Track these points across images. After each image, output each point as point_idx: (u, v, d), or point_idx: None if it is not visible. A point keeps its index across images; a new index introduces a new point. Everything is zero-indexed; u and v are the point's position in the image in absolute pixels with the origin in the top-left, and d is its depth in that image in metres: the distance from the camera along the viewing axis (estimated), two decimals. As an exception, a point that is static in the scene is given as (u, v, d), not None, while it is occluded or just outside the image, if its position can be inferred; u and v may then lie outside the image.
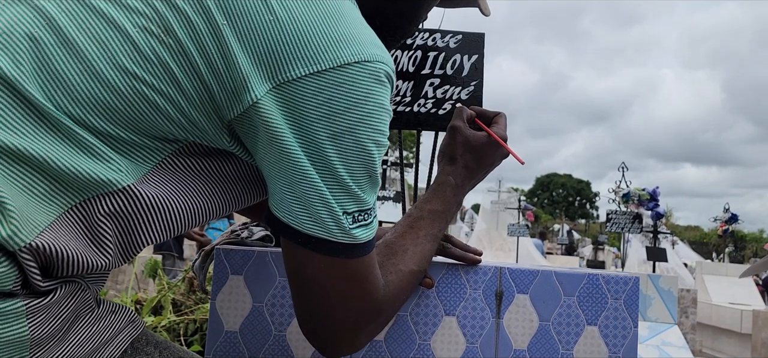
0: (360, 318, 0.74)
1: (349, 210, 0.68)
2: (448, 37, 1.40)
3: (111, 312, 0.70)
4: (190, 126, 0.67)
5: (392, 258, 0.83)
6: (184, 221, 0.71)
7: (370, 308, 0.75)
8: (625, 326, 1.01)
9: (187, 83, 0.65)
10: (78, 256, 0.62)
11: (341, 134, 0.66)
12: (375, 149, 0.69)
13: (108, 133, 0.64)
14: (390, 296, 0.79)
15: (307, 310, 0.74)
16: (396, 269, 0.82)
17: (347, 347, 0.76)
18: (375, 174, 0.70)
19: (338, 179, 0.67)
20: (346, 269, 0.70)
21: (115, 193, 0.64)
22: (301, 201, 0.67)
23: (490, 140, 0.94)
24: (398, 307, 0.84)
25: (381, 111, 0.69)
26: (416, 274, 0.86)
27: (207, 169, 0.72)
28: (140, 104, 0.64)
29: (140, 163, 0.67)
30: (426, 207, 0.91)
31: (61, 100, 0.62)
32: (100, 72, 0.63)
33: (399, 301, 0.83)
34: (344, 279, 0.71)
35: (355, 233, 0.69)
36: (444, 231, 0.94)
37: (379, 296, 0.76)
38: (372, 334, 0.79)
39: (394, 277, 0.81)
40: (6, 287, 0.57)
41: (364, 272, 0.72)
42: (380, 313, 0.77)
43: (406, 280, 0.83)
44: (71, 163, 0.62)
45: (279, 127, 0.65)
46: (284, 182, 0.67)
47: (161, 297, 2.33)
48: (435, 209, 0.91)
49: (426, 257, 0.88)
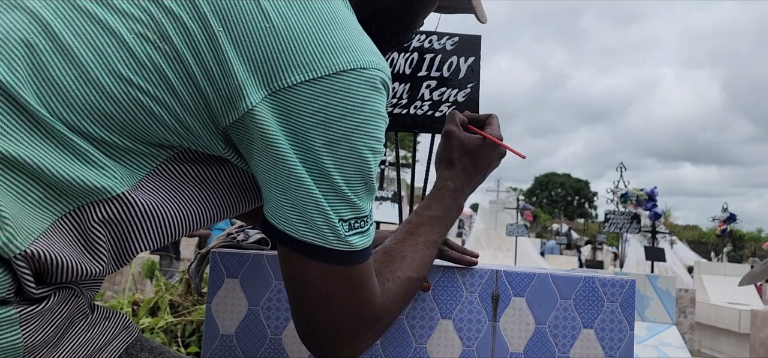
0: (357, 325, 0.74)
1: (345, 217, 0.68)
2: (444, 40, 1.40)
3: (105, 318, 0.70)
4: (185, 132, 0.67)
5: (390, 265, 0.83)
6: (177, 228, 0.71)
7: (367, 315, 0.74)
8: (621, 329, 1.01)
9: (183, 90, 0.64)
10: (72, 263, 0.62)
11: (337, 141, 0.66)
12: (371, 156, 0.69)
13: (103, 139, 0.64)
14: (388, 304, 0.79)
15: (304, 316, 0.74)
16: (394, 276, 0.82)
17: (345, 354, 0.76)
18: (371, 181, 0.70)
19: (334, 186, 0.67)
20: (343, 276, 0.70)
21: (109, 200, 0.64)
22: (297, 208, 0.67)
23: (485, 141, 0.94)
24: (397, 314, 0.83)
25: (377, 118, 0.69)
26: (415, 281, 0.85)
27: (201, 175, 0.72)
28: (136, 111, 0.64)
29: (135, 169, 0.66)
30: (426, 213, 0.91)
31: (56, 106, 0.62)
32: (95, 78, 0.63)
33: (397, 308, 0.82)
34: (341, 286, 0.70)
35: (351, 240, 0.69)
36: (444, 237, 0.93)
37: (377, 303, 0.75)
38: (370, 341, 0.78)
39: (392, 284, 0.81)
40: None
41: (361, 279, 0.72)
42: (378, 320, 0.77)
43: (404, 287, 0.83)
44: (65, 170, 0.62)
45: (274, 135, 0.65)
46: (279, 189, 0.67)
47: (158, 298, 2.33)
48: (435, 215, 0.91)
49: (425, 264, 0.88)
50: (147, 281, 3.28)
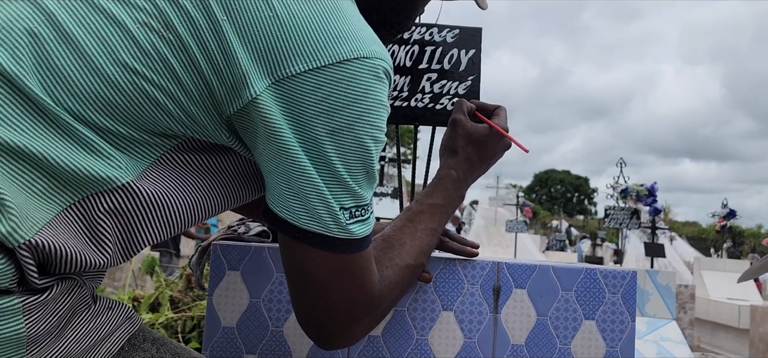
0: (356, 312, 0.75)
1: (346, 206, 0.68)
2: (445, 32, 1.40)
3: (108, 309, 0.70)
4: (189, 121, 0.67)
5: (389, 252, 0.83)
6: (183, 218, 0.71)
7: (366, 302, 0.75)
8: (622, 321, 1.01)
9: (187, 79, 0.65)
10: (76, 254, 0.62)
11: (339, 130, 0.66)
12: (373, 145, 0.69)
13: (108, 128, 0.64)
14: (386, 291, 0.79)
15: (304, 303, 0.74)
16: (393, 263, 0.82)
17: (343, 340, 0.77)
18: (372, 170, 0.71)
19: (336, 175, 0.67)
20: (343, 264, 0.70)
21: (114, 190, 0.64)
22: (299, 197, 0.67)
23: (491, 132, 0.94)
24: (395, 301, 0.84)
25: (379, 107, 0.69)
26: (413, 268, 0.86)
27: (205, 164, 0.72)
28: (140, 100, 0.64)
29: (139, 159, 0.66)
30: (426, 201, 0.91)
31: (60, 95, 0.62)
32: (100, 68, 0.63)
33: (396, 295, 0.83)
34: (341, 274, 0.71)
35: (351, 229, 0.69)
36: (444, 225, 0.93)
37: (375, 290, 0.76)
38: (368, 328, 0.79)
39: (391, 272, 0.81)
40: (2, 285, 0.57)
41: (361, 267, 0.73)
42: (376, 307, 0.77)
43: (402, 274, 0.83)
44: (70, 159, 0.61)
45: (277, 123, 0.65)
46: (281, 178, 0.67)
47: (159, 294, 2.33)
48: (435, 203, 0.91)
49: (424, 252, 0.88)
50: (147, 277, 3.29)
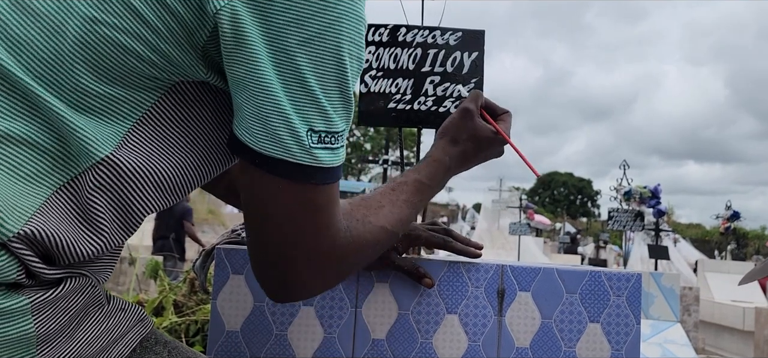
0: (314, 256, 0.68)
1: (315, 127, 0.64)
2: (448, 35, 1.40)
3: (120, 310, 0.69)
4: (163, 62, 0.64)
5: (363, 209, 0.78)
6: (174, 182, 0.68)
7: (327, 247, 0.69)
8: (627, 323, 1.00)
9: (151, 14, 0.62)
10: (69, 240, 0.61)
11: (311, 40, 0.62)
12: (348, 61, 0.65)
13: (84, 89, 0.62)
14: (352, 244, 0.72)
15: (259, 243, 0.69)
16: (365, 220, 0.76)
17: (297, 288, 0.71)
18: (348, 92, 0.66)
19: (307, 90, 0.63)
20: (303, 196, 0.65)
21: (99, 164, 0.62)
22: (259, 117, 0.63)
23: (496, 137, 0.94)
24: (361, 262, 0.79)
25: (355, 18, 0.65)
26: (388, 233, 0.79)
27: (185, 117, 0.69)
28: (109, 50, 0.62)
29: (118, 122, 0.64)
30: (412, 175, 0.88)
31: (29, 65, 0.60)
32: (60, 27, 0.61)
33: (362, 254, 0.76)
34: (300, 207, 0.65)
35: (317, 154, 0.64)
36: (424, 204, 0.90)
37: (339, 237, 0.70)
38: (328, 281, 0.74)
39: (361, 226, 0.75)
40: (9, 278, 0.56)
41: (324, 203, 0.66)
42: (338, 259, 0.71)
43: (373, 234, 0.76)
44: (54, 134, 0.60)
45: (248, 32, 0.61)
46: (245, 96, 0.63)
47: (163, 298, 2.33)
48: (421, 180, 0.88)
49: (401, 221, 0.83)
50: (151, 281, 3.29)
